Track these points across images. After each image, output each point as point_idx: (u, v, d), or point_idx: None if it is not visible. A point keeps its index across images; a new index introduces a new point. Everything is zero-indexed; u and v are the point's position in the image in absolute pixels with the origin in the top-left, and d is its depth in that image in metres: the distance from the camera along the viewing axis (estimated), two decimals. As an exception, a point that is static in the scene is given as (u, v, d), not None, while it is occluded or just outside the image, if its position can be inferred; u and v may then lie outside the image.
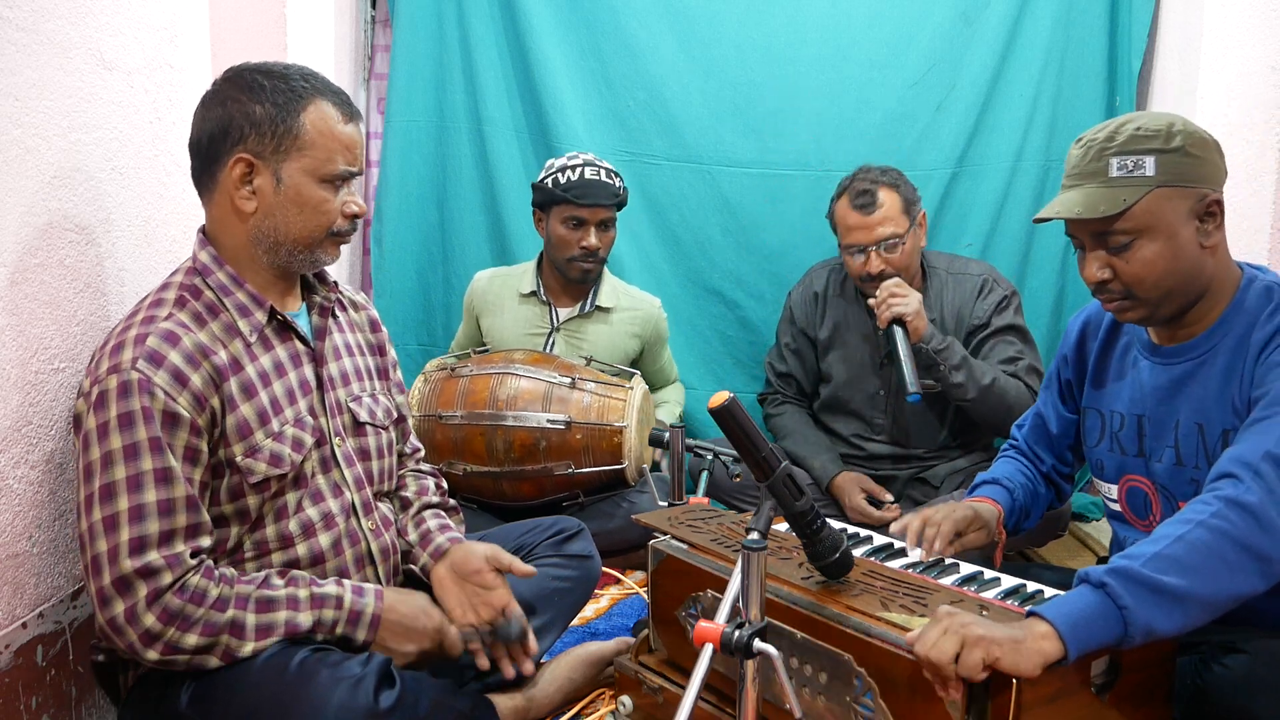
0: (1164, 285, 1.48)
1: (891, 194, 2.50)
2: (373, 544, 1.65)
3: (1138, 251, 1.46)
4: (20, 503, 1.47)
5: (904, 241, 2.50)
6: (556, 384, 2.47)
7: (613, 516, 2.52)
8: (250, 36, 2.41)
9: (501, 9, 3.04)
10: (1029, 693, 1.19)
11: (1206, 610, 1.26)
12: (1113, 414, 1.65)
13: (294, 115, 1.49)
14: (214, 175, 1.52)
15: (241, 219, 1.52)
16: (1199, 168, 1.45)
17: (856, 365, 2.66)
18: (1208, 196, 1.46)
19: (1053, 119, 3.02)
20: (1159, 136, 1.45)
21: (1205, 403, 1.50)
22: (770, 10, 3.02)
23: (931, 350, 2.41)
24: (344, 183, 1.55)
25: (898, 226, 2.49)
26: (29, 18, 1.47)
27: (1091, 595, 1.24)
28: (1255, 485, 1.30)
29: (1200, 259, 1.48)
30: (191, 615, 1.39)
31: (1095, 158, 1.48)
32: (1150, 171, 1.44)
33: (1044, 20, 2.99)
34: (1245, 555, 1.27)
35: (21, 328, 1.47)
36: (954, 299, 2.58)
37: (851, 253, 2.55)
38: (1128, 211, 1.44)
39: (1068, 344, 1.77)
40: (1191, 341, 1.53)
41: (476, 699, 1.66)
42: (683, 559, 1.60)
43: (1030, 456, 1.85)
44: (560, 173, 2.60)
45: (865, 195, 2.49)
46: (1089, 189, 1.48)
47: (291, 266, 1.58)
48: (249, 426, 1.49)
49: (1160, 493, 1.58)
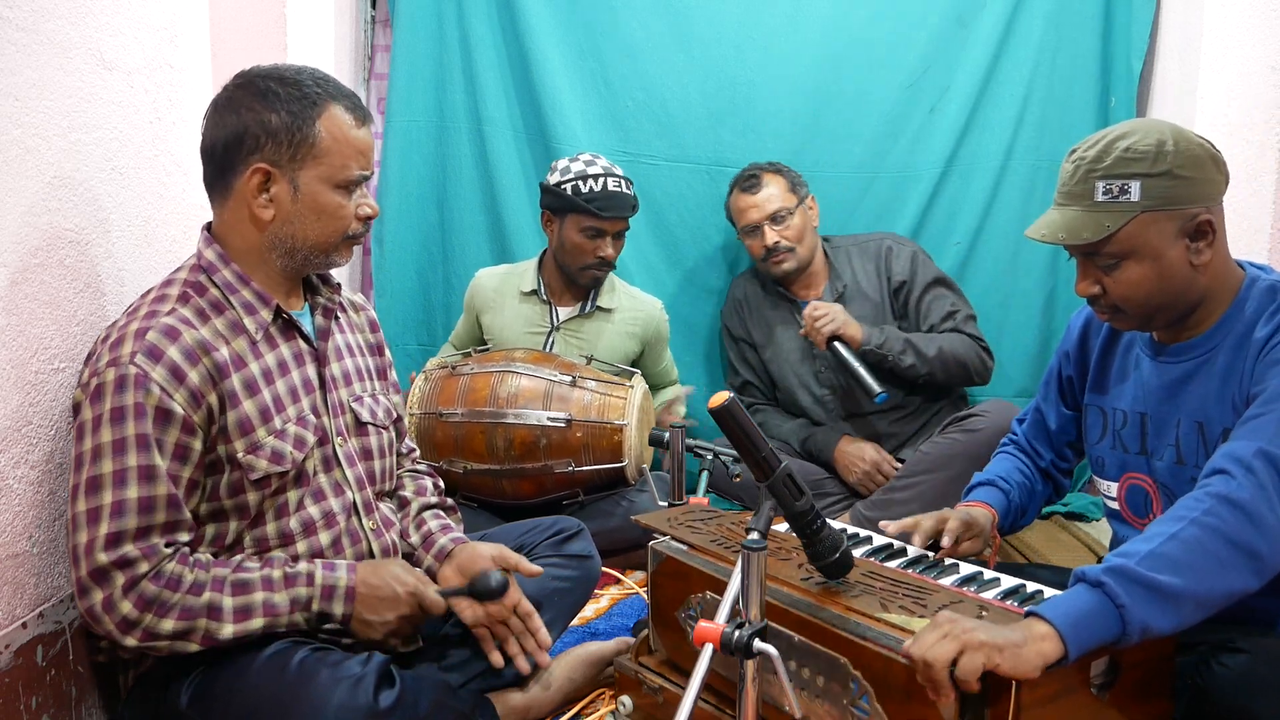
0: (1152, 303, 1.49)
1: (775, 176, 2.79)
2: (374, 543, 1.66)
3: (1124, 272, 1.47)
4: (20, 503, 1.47)
5: (793, 215, 2.75)
6: (557, 382, 2.47)
7: (613, 516, 2.52)
8: (250, 36, 2.41)
9: (501, 9, 3.04)
10: (1029, 693, 1.19)
11: (1201, 608, 1.27)
12: (1115, 411, 1.65)
13: (309, 123, 1.49)
14: (229, 183, 1.52)
15: (259, 226, 1.53)
16: (1188, 189, 1.44)
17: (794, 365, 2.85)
18: (1199, 216, 1.45)
19: (1043, 119, 3.03)
20: (1146, 159, 1.43)
21: (1206, 402, 1.50)
22: (769, 11, 3.02)
23: (875, 349, 2.61)
24: (357, 186, 1.56)
25: (785, 202, 2.76)
26: (29, 18, 1.47)
27: (1089, 594, 1.24)
28: (1247, 481, 1.30)
29: (1190, 277, 1.48)
30: (168, 601, 1.41)
31: (1082, 179, 1.47)
32: (1135, 197, 1.43)
33: (1036, 21, 3.00)
34: (1237, 552, 1.28)
35: (21, 328, 1.47)
36: (861, 264, 2.81)
37: (749, 233, 2.79)
38: (1111, 237, 1.45)
39: (1069, 340, 1.77)
40: (1193, 341, 1.54)
41: (476, 699, 1.66)
42: (682, 560, 1.60)
43: (1029, 452, 1.86)
44: (580, 180, 2.59)
45: (751, 179, 2.79)
46: (1074, 212, 1.48)
47: (306, 269, 1.59)
48: (251, 423, 1.50)
49: (1161, 491, 1.58)
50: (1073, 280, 2.97)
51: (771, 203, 2.74)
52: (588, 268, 2.65)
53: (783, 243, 2.74)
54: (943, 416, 2.73)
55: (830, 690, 1.32)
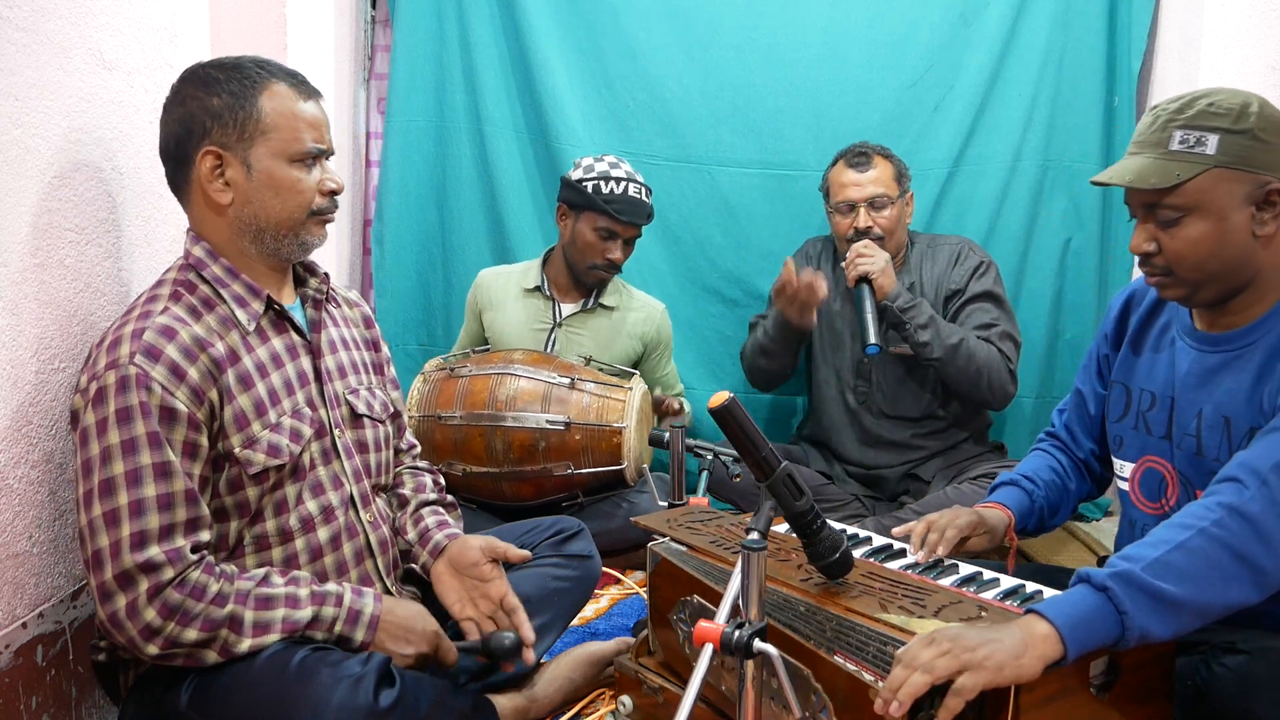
0: (1206, 268, 1.44)
1: (885, 161, 2.66)
2: (371, 536, 1.66)
3: (1184, 229, 1.43)
4: (20, 502, 1.47)
5: (892, 204, 2.62)
6: (556, 384, 2.47)
7: (613, 516, 2.52)
8: (250, 36, 2.42)
9: (501, 9, 3.04)
10: (1028, 694, 1.19)
11: (1199, 618, 1.27)
12: (1143, 392, 1.62)
13: (251, 100, 1.50)
14: (187, 175, 1.53)
15: (219, 212, 1.53)
16: (1265, 153, 1.40)
17: (837, 332, 2.74)
18: (1270, 184, 1.41)
19: (1051, 119, 3.01)
20: (1230, 115, 1.41)
21: (1236, 397, 1.47)
22: (770, 10, 3.02)
23: (898, 308, 2.51)
24: (315, 161, 1.56)
25: (889, 189, 2.62)
26: (29, 18, 1.47)
27: (1093, 597, 1.24)
28: (1260, 494, 1.29)
29: (1250, 247, 1.43)
30: (191, 610, 1.40)
31: (1160, 128, 1.45)
32: (1211, 150, 1.40)
33: (1042, 20, 2.98)
34: (1242, 566, 1.27)
35: (22, 328, 1.47)
36: (932, 268, 2.70)
37: (841, 209, 2.66)
38: (1178, 187, 1.41)
39: (1109, 321, 1.73)
40: (1232, 333, 1.50)
41: (476, 699, 1.66)
42: (678, 564, 1.60)
43: (1067, 443, 1.82)
44: (603, 181, 2.60)
45: (861, 156, 2.66)
46: (1147, 159, 1.45)
47: (280, 253, 1.58)
48: (246, 418, 1.50)
49: (1180, 479, 1.55)
50: (1080, 282, 3.03)
51: (876, 185, 2.61)
52: (595, 268, 2.66)
53: (875, 230, 2.61)
54: (965, 449, 2.68)
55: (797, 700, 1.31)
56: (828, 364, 2.77)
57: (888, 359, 2.64)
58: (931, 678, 1.16)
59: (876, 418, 2.71)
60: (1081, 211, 3.03)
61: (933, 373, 2.63)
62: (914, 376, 2.67)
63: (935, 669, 1.16)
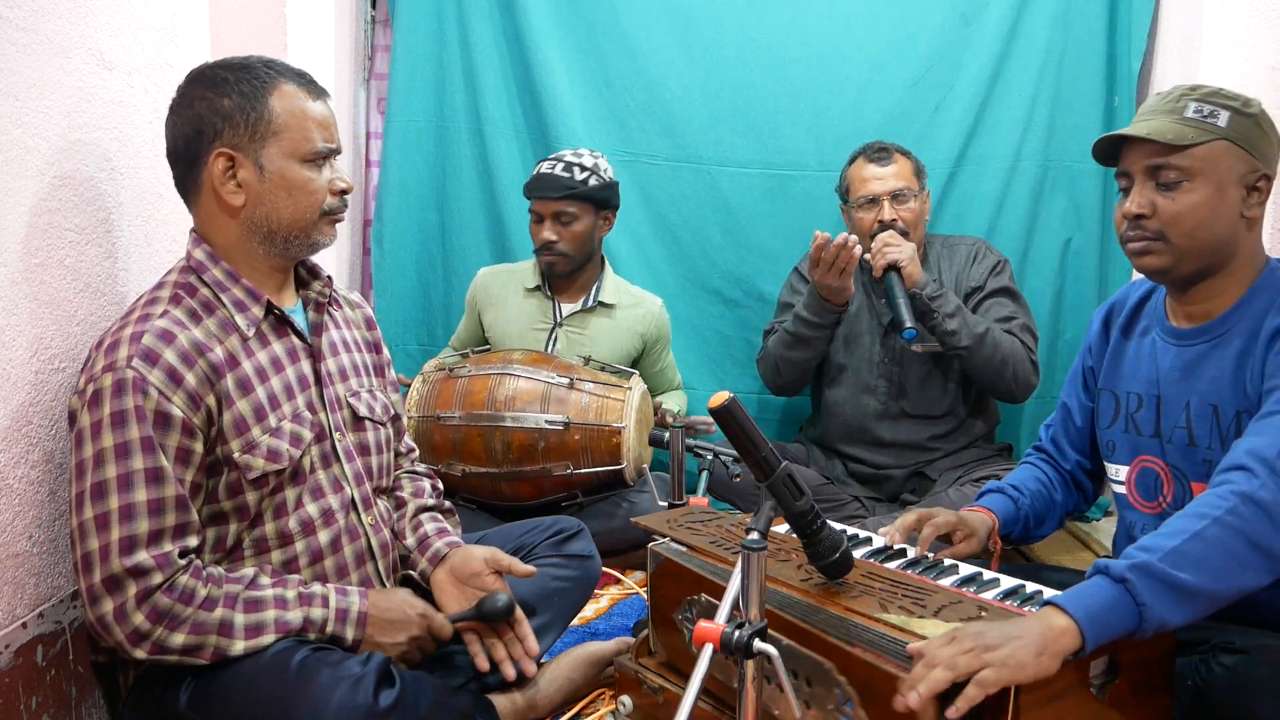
0: (1197, 235, 1.50)
1: (904, 157, 2.67)
2: (373, 539, 1.66)
3: (1185, 193, 1.49)
4: (20, 502, 1.47)
5: (914, 198, 2.63)
6: (555, 384, 2.47)
7: (613, 516, 2.52)
8: (250, 36, 2.41)
9: (501, 9, 3.04)
10: (1028, 693, 1.19)
11: (1214, 604, 1.29)
12: (1130, 395, 1.66)
13: (262, 101, 1.50)
14: (197, 177, 1.53)
15: (231, 214, 1.53)
16: (1263, 141, 1.50)
17: (856, 335, 2.71)
18: (1260, 169, 1.50)
19: (1051, 119, 3.02)
20: (1239, 100, 1.51)
21: (1220, 384, 1.52)
22: (770, 10, 3.02)
23: (926, 296, 2.49)
24: (325, 160, 1.56)
25: (910, 183, 2.63)
26: (29, 18, 1.47)
27: (1111, 589, 1.25)
28: (1271, 482, 1.31)
29: (1237, 226, 1.50)
30: (179, 615, 1.40)
31: (1175, 99, 1.52)
32: (1223, 124, 1.48)
33: (1042, 20, 2.99)
34: (1256, 552, 1.29)
35: (21, 328, 1.47)
36: (951, 266, 2.70)
37: (864, 205, 2.65)
38: (1190, 149, 1.48)
39: (1091, 335, 1.78)
40: (1208, 323, 1.55)
41: (476, 699, 1.66)
42: (680, 563, 1.60)
43: (1053, 455, 1.85)
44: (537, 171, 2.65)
45: (881, 151, 2.66)
46: (1161, 119, 1.51)
47: (289, 253, 1.58)
48: (246, 423, 1.50)
49: (1173, 473, 1.59)
50: (1080, 282, 3.04)
51: (898, 179, 2.63)
52: (538, 253, 2.68)
53: (899, 223, 2.60)
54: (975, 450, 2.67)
55: (817, 695, 1.32)
56: (844, 365, 2.73)
57: (911, 358, 2.64)
58: (954, 675, 1.16)
59: (896, 418, 2.69)
60: (1081, 211, 3.04)
61: (955, 370, 2.63)
62: (936, 375, 2.65)
63: (957, 666, 1.17)
